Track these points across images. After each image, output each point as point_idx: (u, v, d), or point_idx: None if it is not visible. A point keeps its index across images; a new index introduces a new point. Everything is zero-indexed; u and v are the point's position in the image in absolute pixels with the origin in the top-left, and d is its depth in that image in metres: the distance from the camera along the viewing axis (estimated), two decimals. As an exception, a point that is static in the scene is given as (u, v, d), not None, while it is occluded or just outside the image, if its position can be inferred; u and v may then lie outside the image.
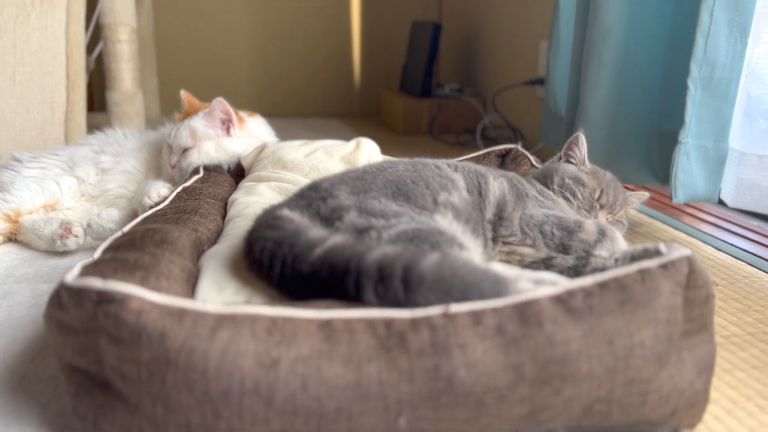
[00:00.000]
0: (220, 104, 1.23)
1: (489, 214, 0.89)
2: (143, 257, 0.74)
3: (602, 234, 0.87)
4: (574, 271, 0.85)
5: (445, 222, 0.82)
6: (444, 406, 0.57)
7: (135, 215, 1.21)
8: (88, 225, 1.15)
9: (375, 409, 0.56)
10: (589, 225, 0.88)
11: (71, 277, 0.65)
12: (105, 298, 0.59)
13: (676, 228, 1.39)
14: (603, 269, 0.84)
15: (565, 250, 0.88)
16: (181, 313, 0.58)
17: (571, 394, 0.58)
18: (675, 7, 1.33)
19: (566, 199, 0.97)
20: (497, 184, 0.93)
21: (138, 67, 2.09)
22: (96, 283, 0.60)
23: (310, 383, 0.56)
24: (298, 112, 3.16)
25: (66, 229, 1.12)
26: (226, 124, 1.26)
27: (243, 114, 1.32)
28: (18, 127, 1.75)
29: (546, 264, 0.88)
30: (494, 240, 0.89)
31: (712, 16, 1.13)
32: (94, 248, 1.18)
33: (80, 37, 1.82)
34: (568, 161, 1.04)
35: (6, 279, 1.04)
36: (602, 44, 1.34)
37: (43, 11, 1.78)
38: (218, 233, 0.98)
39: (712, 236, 1.32)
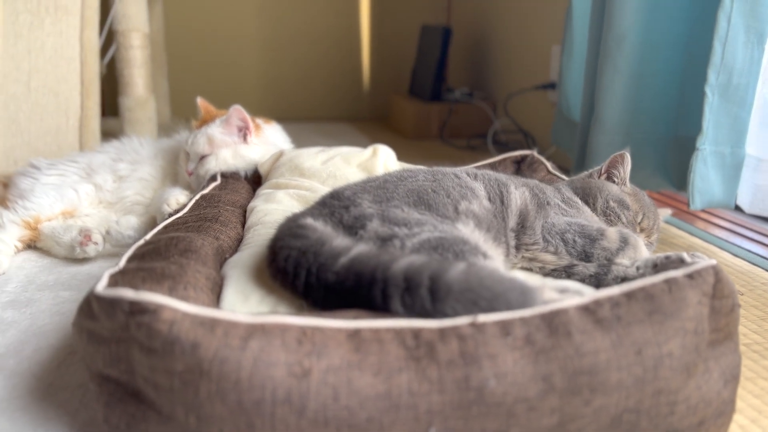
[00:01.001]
0: (237, 111, 1.24)
1: (512, 222, 0.89)
2: (169, 266, 0.74)
3: (624, 242, 0.87)
4: (596, 279, 0.86)
5: (467, 230, 0.82)
6: (474, 417, 0.57)
7: (153, 222, 1.22)
8: (107, 232, 1.16)
9: (406, 420, 0.56)
10: (612, 233, 0.88)
11: (101, 287, 0.66)
12: (137, 309, 0.59)
13: (691, 234, 1.39)
14: (625, 277, 0.84)
15: (587, 258, 0.88)
16: (212, 323, 0.59)
17: (600, 405, 0.59)
18: (690, 13, 1.33)
19: (609, 222, 0.96)
20: (519, 193, 0.93)
21: (150, 72, 2.10)
22: (128, 293, 0.61)
23: (341, 394, 0.56)
24: (307, 116, 3.16)
25: (85, 236, 1.13)
26: (243, 132, 1.27)
27: (259, 121, 1.33)
28: (33, 133, 1.76)
29: (567, 272, 0.88)
30: (517, 248, 0.89)
31: (729, 22, 1.13)
32: (112, 255, 1.19)
33: (94, 43, 1.83)
34: (608, 178, 1.03)
35: (27, 286, 1.05)
36: (617, 50, 1.34)
37: (58, 17, 1.79)
38: (238, 241, 0.99)
39: (729, 242, 1.32)
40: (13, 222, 1.17)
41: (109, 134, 1.88)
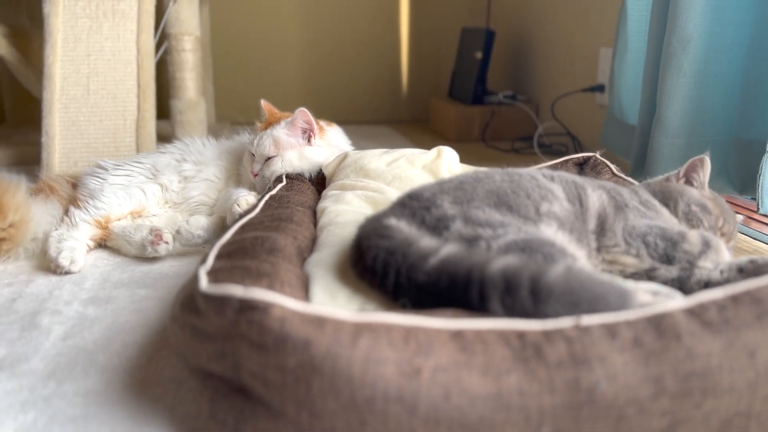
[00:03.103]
0: (303, 114, 1.25)
1: (591, 225, 0.89)
2: (262, 265, 0.75)
3: (707, 245, 0.86)
4: (679, 283, 0.85)
5: (550, 232, 0.82)
6: (584, 419, 0.57)
7: (220, 222, 1.23)
8: (177, 231, 1.18)
9: (517, 420, 0.56)
10: (693, 236, 0.87)
11: (205, 284, 0.67)
12: (247, 306, 0.61)
13: (755, 238, 1.37)
14: (709, 281, 0.83)
15: (668, 261, 0.87)
16: (320, 321, 0.59)
17: (711, 408, 0.58)
18: (756, 15, 1.31)
19: (691, 226, 0.95)
20: (596, 195, 0.92)
21: (201, 75, 2.13)
22: (237, 290, 0.62)
23: (452, 393, 0.56)
24: (348, 119, 3.17)
25: (156, 235, 1.15)
26: (307, 134, 1.28)
27: (322, 123, 1.34)
28: (92, 134, 1.80)
29: (649, 275, 0.87)
30: (597, 249, 0.89)
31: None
32: (182, 254, 1.21)
33: (150, 47, 1.87)
34: (687, 182, 1.02)
35: (104, 284, 1.07)
36: (682, 52, 1.33)
37: (116, 22, 1.83)
38: (312, 240, 1.00)
39: (796, 247, 1.30)
40: (85, 221, 1.20)
41: (159, 136, 1.92)
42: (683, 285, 0.84)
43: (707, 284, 0.83)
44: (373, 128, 3.01)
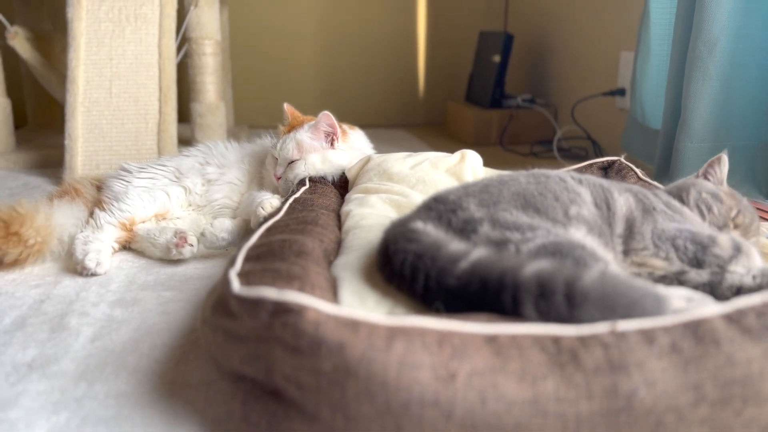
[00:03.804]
0: (326, 117, 1.25)
1: (619, 228, 0.88)
2: (292, 267, 0.75)
3: (737, 250, 0.85)
4: (710, 287, 0.84)
5: (579, 235, 0.82)
6: (622, 425, 0.56)
7: (244, 225, 1.24)
8: (202, 234, 1.18)
9: (554, 427, 0.56)
10: (724, 240, 0.86)
11: (238, 286, 0.67)
12: (282, 309, 0.60)
13: (782, 244, 1.35)
14: (741, 286, 0.82)
15: (698, 265, 0.86)
16: (354, 324, 0.59)
17: (751, 416, 0.57)
18: (783, 17, 1.30)
19: (701, 214, 0.95)
20: (623, 199, 0.91)
21: (221, 79, 2.14)
22: (271, 293, 0.62)
23: (488, 398, 0.56)
24: (364, 122, 3.17)
25: (181, 238, 1.16)
26: (330, 137, 1.28)
27: (345, 126, 1.34)
28: (114, 137, 1.81)
29: (678, 279, 0.86)
30: (625, 252, 0.88)
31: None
32: (206, 257, 1.22)
33: (171, 51, 1.88)
34: (705, 179, 1.02)
35: (130, 286, 1.07)
36: (708, 56, 1.32)
37: (138, 26, 1.85)
38: (338, 244, 1.00)
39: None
40: (110, 223, 1.21)
41: (179, 140, 1.93)
42: (714, 290, 0.83)
43: (739, 290, 0.82)
44: (389, 132, 3.01)
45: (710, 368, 0.57)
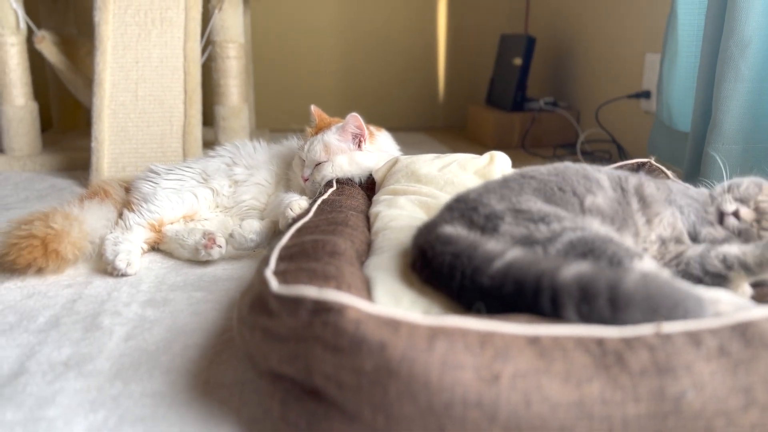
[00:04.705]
0: (354, 119, 1.25)
1: (634, 204, 0.88)
2: (327, 267, 0.75)
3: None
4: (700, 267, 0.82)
5: (595, 226, 0.81)
6: (670, 429, 0.55)
7: (272, 226, 1.24)
8: (231, 235, 1.19)
9: (600, 429, 0.55)
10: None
11: (276, 285, 0.67)
12: (322, 308, 0.60)
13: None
14: (726, 255, 0.81)
15: (694, 238, 0.86)
16: (395, 324, 0.59)
17: (803, 421, 0.56)
18: (818, 17, 1.28)
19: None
20: (635, 178, 0.93)
21: (244, 82, 2.15)
22: (311, 292, 0.62)
23: (533, 400, 0.55)
24: (383, 125, 3.18)
25: (210, 239, 1.16)
26: (358, 139, 1.28)
27: (372, 128, 1.34)
28: (139, 140, 1.83)
29: (697, 238, 0.87)
30: (648, 222, 0.87)
31: None
32: (234, 258, 1.22)
33: (196, 54, 1.90)
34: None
35: (160, 286, 1.08)
36: (740, 57, 1.30)
37: (163, 29, 1.87)
38: (368, 244, 0.99)
39: None
40: (139, 224, 1.21)
41: (203, 142, 1.93)
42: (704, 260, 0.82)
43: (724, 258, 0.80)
44: (410, 135, 3.01)
45: (761, 371, 0.56)
